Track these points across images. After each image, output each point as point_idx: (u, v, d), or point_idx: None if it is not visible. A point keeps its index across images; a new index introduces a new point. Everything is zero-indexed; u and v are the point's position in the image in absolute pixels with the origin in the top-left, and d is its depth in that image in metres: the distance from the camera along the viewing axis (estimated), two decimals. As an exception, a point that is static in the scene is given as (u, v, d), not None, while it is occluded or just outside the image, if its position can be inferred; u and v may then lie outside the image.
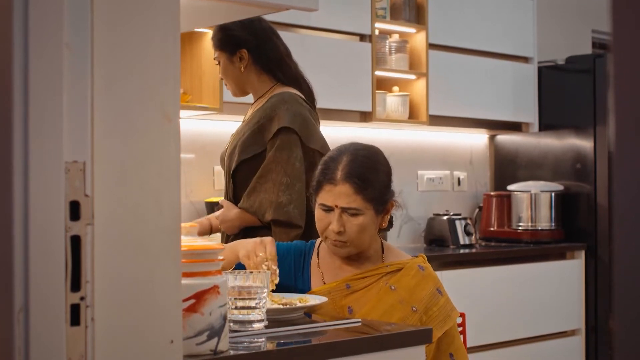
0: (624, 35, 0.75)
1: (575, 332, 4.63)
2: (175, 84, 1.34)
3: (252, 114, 2.81)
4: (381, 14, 4.25)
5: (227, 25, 2.81)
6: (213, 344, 1.54)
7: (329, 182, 2.14)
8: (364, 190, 2.12)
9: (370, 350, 1.78)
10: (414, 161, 4.79)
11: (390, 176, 2.22)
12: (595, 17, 5.59)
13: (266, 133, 2.71)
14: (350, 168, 2.13)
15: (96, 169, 1.24)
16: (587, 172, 4.67)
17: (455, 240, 4.47)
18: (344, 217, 2.13)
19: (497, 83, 4.78)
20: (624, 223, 0.75)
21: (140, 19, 1.30)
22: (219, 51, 2.84)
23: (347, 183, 2.12)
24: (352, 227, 2.13)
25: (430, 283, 2.17)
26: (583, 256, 4.64)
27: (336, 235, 2.14)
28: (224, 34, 2.82)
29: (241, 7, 1.93)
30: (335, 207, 2.13)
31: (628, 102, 0.75)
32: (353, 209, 2.12)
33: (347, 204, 2.12)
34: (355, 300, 2.16)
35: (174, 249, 1.33)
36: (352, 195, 2.12)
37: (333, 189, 2.13)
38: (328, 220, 2.14)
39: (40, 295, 1.18)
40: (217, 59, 2.86)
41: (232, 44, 2.81)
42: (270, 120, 2.71)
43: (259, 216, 2.69)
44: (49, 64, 1.20)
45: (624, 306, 0.76)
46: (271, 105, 2.74)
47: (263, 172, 2.69)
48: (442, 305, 2.15)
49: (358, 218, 2.13)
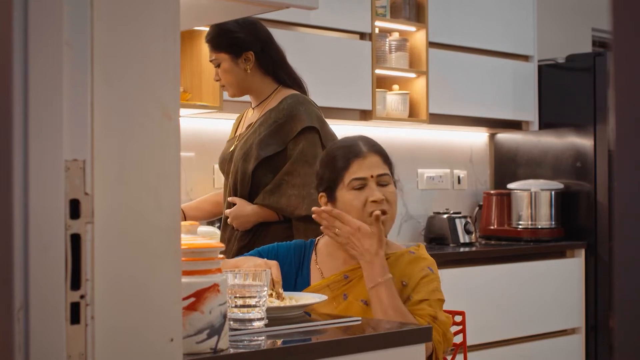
0: (625, 33, 0.75)
1: (576, 331, 4.63)
2: (175, 82, 1.34)
3: (265, 115, 2.84)
4: (381, 13, 4.25)
5: (229, 28, 2.82)
6: (213, 342, 1.54)
7: (356, 157, 2.20)
8: (387, 161, 2.24)
9: (370, 348, 1.78)
10: (414, 159, 4.79)
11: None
12: (596, 15, 5.59)
13: (286, 132, 2.77)
14: (372, 143, 2.25)
15: (96, 167, 1.24)
16: (587, 170, 4.67)
17: (455, 238, 4.47)
18: (380, 187, 2.19)
19: (497, 81, 4.77)
20: (624, 221, 0.75)
21: (140, 17, 1.30)
22: (221, 53, 2.84)
23: (375, 154, 2.22)
24: (389, 195, 2.20)
25: (422, 262, 2.21)
26: (583, 254, 4.64)
27: (379, 205, 2.17)
28: (228, 37, 2.83)
29: (242, 5, 1.93)
30: (371, 177, 2.19)
31: (628, 100, 0.75)
32: (387, 175, 2.21)
33: (382, 171, 2.20)
34: (351, 287, 2.18)
35: (173, 247, 1.33)
36: (382, 164, 2.21)
37: (364, 162, 2.19)
38: (364, 195, 2.18)
39: (40, 293, 1.18)
40: (217, 61, 2.86)
41: (238, 45, 2.84)
42: (290, 120, 2.77)
43: (287, 212, 2.74)
44: (48, 62, 1.20)
45: (624, 305, 0.76)
46: (288, 106, 2.79)
47: (290, 169, 2.75)
48: (432, 279, 2.17)
49: (390, 187, 2.21)
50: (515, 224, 4.74)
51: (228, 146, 2.98)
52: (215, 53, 2.86)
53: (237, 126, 3.05)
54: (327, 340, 1.78)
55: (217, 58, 2.86)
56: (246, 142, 2.83)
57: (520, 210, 4.73)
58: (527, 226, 4.70)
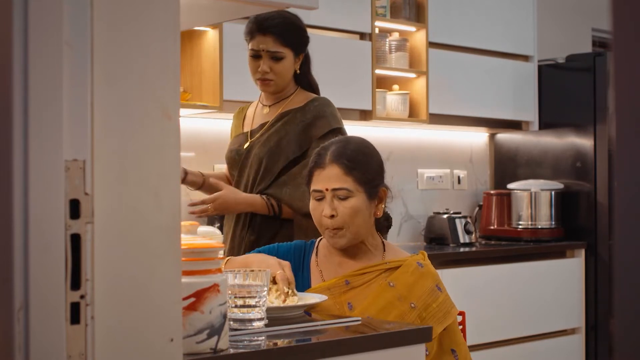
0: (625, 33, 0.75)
1: (575, 331, 4.63)
2: (175, 82, 1.33)
3: (290, 115, 2.84)
4: (381, 13, 4.25)
5: (300, 25, 2.84)
6: (213, 342, 1.54)
7: (317, 167, 2.16)
8: (353, 170, 2.13)
9: (370, 348, 1.78)
10: (414, 159, 4.79)
11: (382, 167, 2.23)
12: (596, 15, 5.59)
13: (312, 132, 2.79)
14: (338, 152, 2.16)
15: (96, 167, 1.24)
16: (587, 170, 4.67)
17: (455, 238, 4.47)
18: (335, 201, 2.14)
19: (497, 81, 4.77)
20: (625, 221, 0.75)
21: (140, 17, 1.30)
22: (287, 48, 2.81)
23: (335, 165, 2.14)
24: (344, 210, 2.13)
25: (429, 280, 2.17)
26: (583, 254, 4.64)
27: (330, 221, 2.13)
28: (300, 34, 2.84)
29: (241, 5, 1.93)
30: (326, 190, 2.14)
31: (628, 100, 0.75)
32: (344, 189, 2.12)
33: (338, 185, 2.13)
34: (355, 296, 2.16)
35: (174, 247, 1.33)
36: (342, 177, 2.13)
37: (322, 173, 2.14)
38: (321, 208, 2.15)
39: (41, 293, 1.18)
40: (280, 54, 2.81)
41: (303, 45, 2.86)
42: (317, 121, 2.80)
43: (296, 206, 2.75)
44: (48, 62, 1.20)
45: (624, 305, 0.76)
46: (315, 108, 2.82)
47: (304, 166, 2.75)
48: (442, 302, 2.14)
49: (349, 200, 2.13)
50: (515, 224, 4.74)
51: (239, 141, 2.95)
52: (281, 46, 2.80)
53: (241, 122, 3.02)
54: (327, 340, 1.78)
55: (282, 51, 2.81)
56: (269, 140, 2.83)
57: (520, 211, 4.73)
58: (527, 226, 4.70)
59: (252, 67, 2.84)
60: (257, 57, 2.81)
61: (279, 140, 2.81)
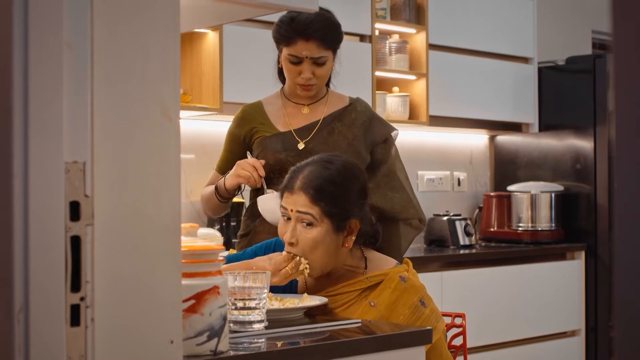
0: (625, 35, 0.75)
1: (575, 333, 4.63)
2: (175, 83, 1.34)
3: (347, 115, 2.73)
4: (381, 15, 4.25)
5: (338, 24, 2.69)
6: (213, 344, 1.54)
7: (287, 189, 2.12)
8: (320, 202, 2.07)
9: (370, 350, 1.78)
10: (414, 161, 4.78)
11: (362, 194, 2.15)
12: (595, 17, 5.60)
13: (372, 135, 2.72)
14: (309, 179, 2.09)
15: (96, 169, 1.24)
16: (587, 172, 4.67)
17: (455, 240, 4.47)
18: (299, 226, 2.08)
19: (497, 83, 4.78)
20: (625, 223, 0.75)
21: (140, 18, 1.30)
22: (329, 50, 2.67)
23: (302, 193, 2.08)
24: (305, 240, 2.08)
25: (412, 295, 2.09)
26: (583, 256, 4.64)
27: (288, 245, 2.10)
28: (339, 33, 2.70)
29: (241, 7, 1.93)
30: (291, 211, 2.09)
31: (629, 102, 0.75)
32: (309, 214, 2.06)
33: (304, 209, 2.07)
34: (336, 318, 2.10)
35: (174, 249, 1.33)
36: (309, 204, 2.07)
37: (290, 196, 2.10)
38: (286, 229, 2.11)
39: (40, 295, 1.18)
40: (325, 59, 2.66)
41: (339, 43, 2.72)
42: (373, 122, 2.74)
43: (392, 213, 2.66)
44: (49, 64, 1.20)
45: (624, 306, 0.76)
46: (364, 109, 2.76)
47: (388, 172, 2.72)
48: (426, 318, 2.07)
49: (312, 230, 2.07)
50: (515, 226, 4.74)
51: (286, 140, 2.71)
52: (324, 50, 2.65)
53: (266, 121, 2.77)
54: (327, 342, 1.78)
55: (325, 56, 2.66)
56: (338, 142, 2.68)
57: (520, 212, 4.73)
58: (527, 228, 4.70)
59: (292, 72, 2.67)
60: (297, 62, 2.66)
61: (350, 142, 2.68)
